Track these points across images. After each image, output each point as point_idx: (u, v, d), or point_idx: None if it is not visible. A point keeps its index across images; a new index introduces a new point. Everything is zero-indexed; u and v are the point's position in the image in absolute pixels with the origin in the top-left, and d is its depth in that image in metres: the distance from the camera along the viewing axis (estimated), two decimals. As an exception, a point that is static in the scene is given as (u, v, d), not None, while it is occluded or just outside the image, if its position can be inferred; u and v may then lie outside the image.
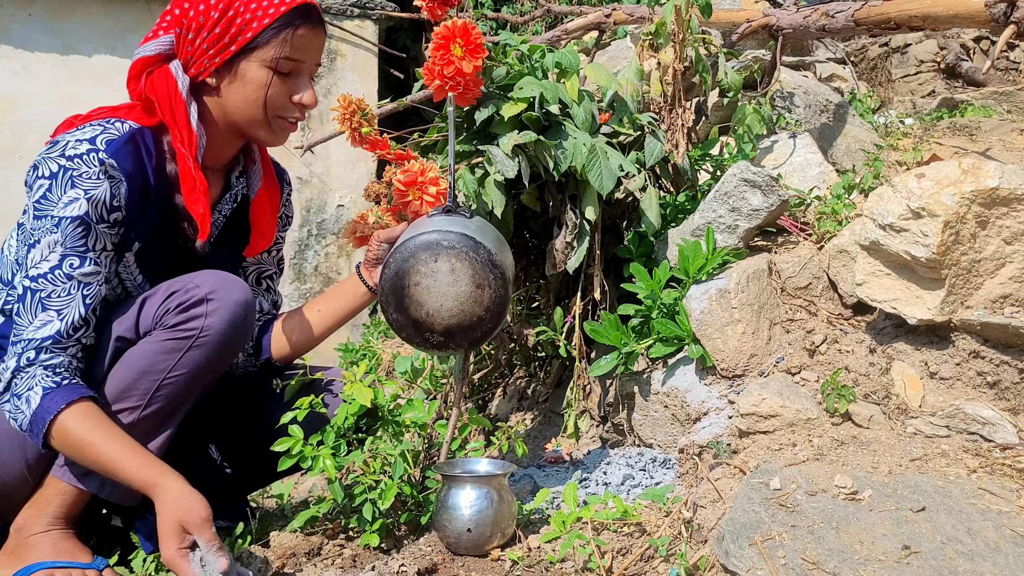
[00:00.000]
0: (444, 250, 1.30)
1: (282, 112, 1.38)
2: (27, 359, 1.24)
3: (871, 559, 1.07)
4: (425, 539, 1.37)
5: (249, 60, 1.33)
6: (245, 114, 1.36)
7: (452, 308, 1.31)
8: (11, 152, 3.66)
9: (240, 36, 1.31)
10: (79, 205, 1.25)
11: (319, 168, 4.01)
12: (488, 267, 1.30)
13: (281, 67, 1.34)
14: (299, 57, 1.35)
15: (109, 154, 1.27)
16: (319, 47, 1.39)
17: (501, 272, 1.31)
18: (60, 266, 1.25)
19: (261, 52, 1.32)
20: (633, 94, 1.92)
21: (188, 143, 1.33)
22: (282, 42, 1.32)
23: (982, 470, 1.28)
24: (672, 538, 1.26)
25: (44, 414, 1.22)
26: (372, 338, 3.59)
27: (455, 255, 1.30)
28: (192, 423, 1.41)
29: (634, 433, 1.78)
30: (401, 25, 4.74)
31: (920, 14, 2.25)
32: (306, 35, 1.35)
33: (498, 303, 1.31)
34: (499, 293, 1.30)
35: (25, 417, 1.23)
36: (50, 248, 1.25)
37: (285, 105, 1.37)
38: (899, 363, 1.52)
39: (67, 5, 3.74)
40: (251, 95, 1.34)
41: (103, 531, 1.49)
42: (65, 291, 1.26)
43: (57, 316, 1.25)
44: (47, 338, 1.24)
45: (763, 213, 1.78)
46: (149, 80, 1.34)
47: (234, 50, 1.32)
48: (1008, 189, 1.42)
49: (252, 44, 1.32)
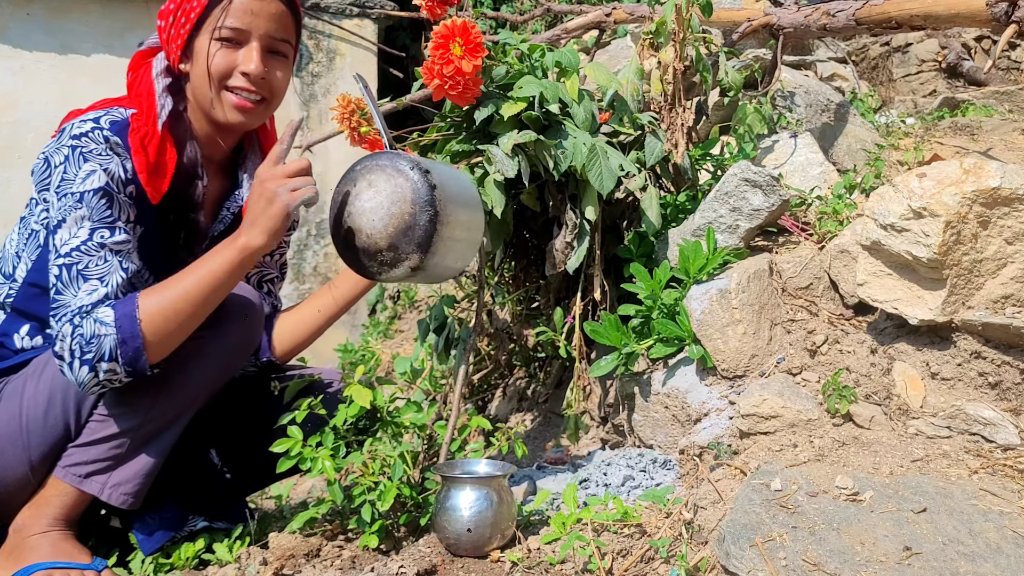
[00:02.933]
0: (356, 173, 1.29)
1: (227, 82, 1.35)
2: (81, 316, 1.22)
3: (872, 560, 1.07)
4: (424, 540, 1.36)
5: (200, 36, 1.34)
6: (201, 91, 1.36)
7: (383, 217, 1.26)
8: (10, 151, 3.66)
9: (193, 13, 1.33)
10: (98, 176, 1.26)
11: (318, 168, 4.01)
12: (393, 166, 1.26)
13: (223, 35, 1.33)
14: (241, 25, 1.34)
15: (113, 132, 1.29)
16: (269, 15, 1.36)
17: (409, 162, 1.26)
18: (91, 238, 1.25)
19: (207, 24, 1.34)
20: (633, 93, 1.92)
21: (146, 114, 1.32)
22: (222, 10, 1.33)
23: (983, 471, 1.28)
24: (672, 539, 1.26)
25: (128, 313, 1.21)
26: (371, 339, 3.58)
27: (366, 171, 1.28)
28: (193, 428, 1.41)
29: (634, 434, 1.77)
30: (400, 24, 4.74)
31: (921, 13, 2.24)
32: (248, 3, 1.34)
33: (419, 191, 1.24)
34: (416, 184, 1.24)
35: (111, 331, 1.20)
36: (78, 224, 1.25)
37: (227, 74, 1.35)
38: (900, 363, 1.52)
39: (65, 4, 3.73)
40: (201, 69, 1.35)
41: (101, 532, 1.49)
42: (102, 258, 1.25)
43: (100, 283, 1.24)
44: (97, 302, 1.23)
45: (764, 213, 1.77)
46: (135, 71, 1.38)
47: (188, 28, 1.34)
48: (1010, 189, 1.41)
49: (200, 19, 1.33)
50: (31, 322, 1.38)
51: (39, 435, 1.30)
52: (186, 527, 1.45)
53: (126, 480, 1.31)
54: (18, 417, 1.30)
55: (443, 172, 1.32)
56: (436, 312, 1.91)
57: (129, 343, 1.21)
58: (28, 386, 1.31)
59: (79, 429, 1.31)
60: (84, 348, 1.20)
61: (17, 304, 1.37)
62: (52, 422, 1.30)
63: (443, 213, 1.25)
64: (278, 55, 1.39)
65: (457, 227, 1.30)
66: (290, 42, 1.41)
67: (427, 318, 1.92)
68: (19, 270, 1.37)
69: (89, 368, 1.21)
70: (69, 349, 1.21)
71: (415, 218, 1.25)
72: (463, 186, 1.36)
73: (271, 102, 1.40)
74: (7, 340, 1.37)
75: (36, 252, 1.35)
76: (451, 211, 1.28)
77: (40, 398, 1.30)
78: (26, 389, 1.31)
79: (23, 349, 1.37)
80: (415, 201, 1.25)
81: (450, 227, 1.28)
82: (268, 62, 1.37)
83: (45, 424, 1.30)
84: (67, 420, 1.31)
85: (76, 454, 1.30)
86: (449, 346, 1.89)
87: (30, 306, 1.37)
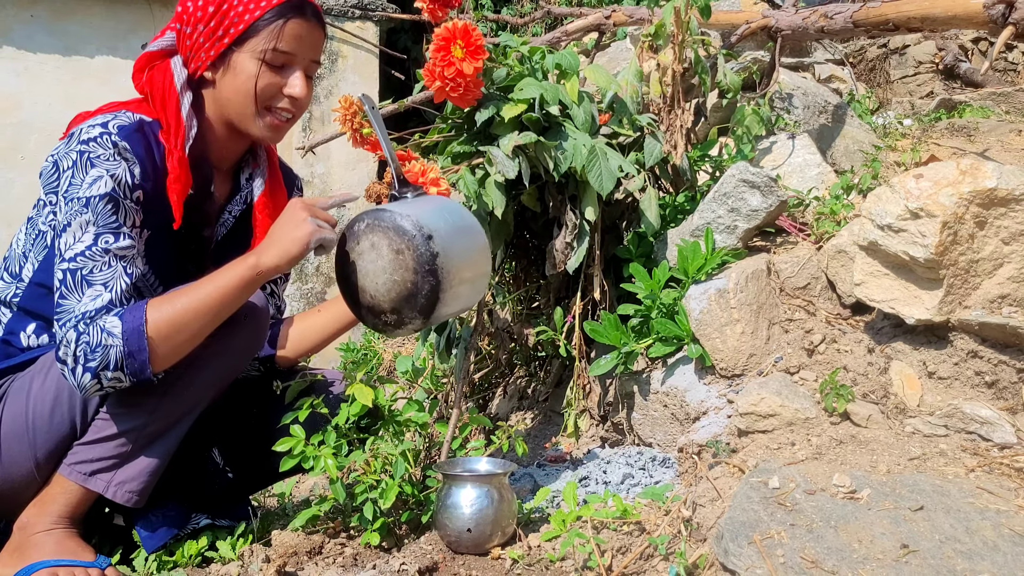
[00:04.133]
0: (361, 231, 1.28)
1: (271, 103, 1.37)
2: (85, 323, 1.22)
3: (870, 558, 1.08)
4: (426, 538, 1.37)
5: (241, 52, 1.34)
6: (236, 106, 1.36)
7: (385, 282, 1.26)
8: (14, 152, 3.67)
9: (233, 28, 1.32)
10: (104, 182, 1.26)
11: (320, 169, 4.02)
12: (396, 230, 1.24)
13: (271, 59, 1.34)
14: (290, 50, 1.35)
15: (121, 137, 1.29)
16: (313, 42, 1.38)
17: (413, 229, 1.24)
18: (96, 243, 1.25)
19: (252, 43, 1.33)
20: (632, 95, 1.93)
21: (175, 132, 1.33)
22: (272, 34, 1.33)
23: (980, 469, 1.29)
24: (671, 537, 1.27)
25: (136, 327, 1.21)
26: (373, 338, 3.59)
27: (369, 231, 1.27)
28: (197, 427, 1.42)
29: (634, 432, 1.78)
30: (402, 26, 4.75)
31: (918, 15, 2.25)
32: (297, 28, 1.35)
33: (421, 260, 1.22)
34: (419, 251, 1.22)
35: (118, 343, 1.21)
36: (83, 229, 1.25)
37: (274, 96, 1.36)
38: (897, 363, 1.53)
39: (69, 6, 3.75)
40: (241, 86, 1.34)
41: (105, 530, 1.50)
42: (106, 264, 1.26)
43: (105, 288, 1.25)
44: (101, 308, 1.23)
45: (762, 214, 1.79)
46: (149, 74, 1.37)
47: (227, 42, 1.33)
48: (1006, 189, 1.42)
49: (244, 36, 1.33)
50: (37, 321, 1.38)
51: (45, 433, 1.31)
52: (189, 525, 1.45)
53: (131, 478, 1.32)
54: (24, 415, 1.31)
55: (448, 226, 1.28)
56: (437, 312, 1.91)
57: (136, 356, 1.22)
58: (35, 384, 1.32)
59: (85, 427, 1.32)
60: (89, 355, 1.21)
61: (24, 303, 1.38)
62: (58, 420, 1.31)
63: (446, 280, 1.24)
64: (310, 77, 1.41)
65: (462, 284, 1.28)
66: (320, 63, 1.44)
67: (428, 318, 1.92)
68: (26, 270, 1.38)
69: (92, 375, 1.22)
70: (73, 355, 1.22)
71: (417, 287, 1.24)
72: (468, 237, 1.33)
73: (297, 119, 1.43)
74: (13, 338, 1.38)
75: (43, 253, 1.36)
76: (455, 274, 1.26)
77: (47, 396, 1.31)
78: (32, 387, 1.32)
79: (29, 347, 1.38)
80: (417, 270, 1.23)
81: (454, 288, 1.26)
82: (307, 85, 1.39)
83: (51, 422, 1.31)
84: (73, 418, 1.31)
85: (81, 452, 1.31)
86: (450, 345, 1.91)
87: (36, 305, 1.38)
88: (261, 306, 1.38)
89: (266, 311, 1.41)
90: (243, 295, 1.27)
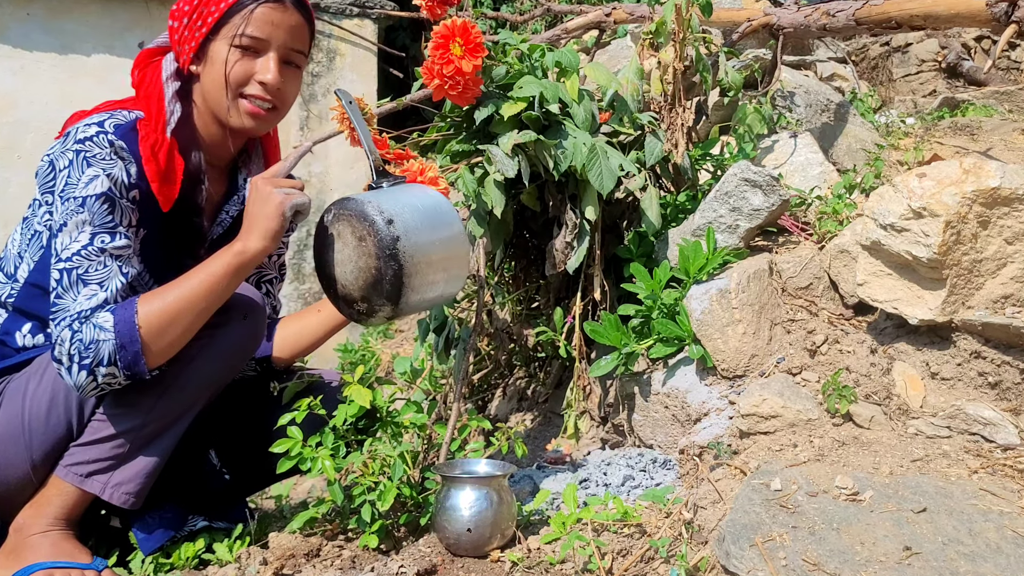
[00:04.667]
0: (329, 222, 1.29)
1: (244, 90, 1.35)
2: (80, 322, 1.22)
3: (872, 560, 1.07)
4: (424, 540, 1.37)
5: (217, 40, 1.34)
6: (215, 96, 1.36)
7: (353, 270, 1.26)
8: (10, 151, 3.66)
9: (210, 17, 1.33)
10: (100, 182, 1.26)
11: (318, 168, 4.01)
12: (358, 216, 1.24)
13: (243, 43, 1.33)
14: (261, 35, 1.34)
15: (118, 136, 1.29)
16: (291, 29, 1.37)
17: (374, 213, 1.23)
18: (91, 243, 1.26)
19: (226, 30, 1.33)
20: (633, 93, 1.92)
21: (155, 118, 1.33)
22: (243, 18, 1.33)
23: (983, 471, 1.28)
24: (672, 539, 1.26)
25: (127, 319, 1.22)
26: (371, 339, 3.58)
27: (335, 220, 1.28)
28: (193, 428, 1.41)
29: (634, 434, 1.77)
30: (400, 24, 4.74)
31: (921, 13, 2.24)
32: (269, 13, 1.34)
33: (382, 245, 1.22)
34: (380, 235, 1.21)
35: (109, 336, 1.21)
36: (79, 229, 1.25)
37: (244, 82, 1.35)
38: (900, 363, 1.52)
39: (65, 4, 3.73)
40: (217, 75, 1.34)
41: (102, 532, 1.49)
42: (101, 264, 1.26)
43: (100, 288, 1.25)
44: (96, 307, 1.23)
45: (764, 213, 1.78)
46: (142, 71, 1.38)
47: (204, 31, 1.33)
48: (1009, 189, 1.41)
49: (219, 24, 1.33)
50: (33, 321, 1.38)
51: (41, 434, 1.30)
52: (186, 527, 1.45)
53: (128, 480, 1.31)
54: (20, 416, 1.30)
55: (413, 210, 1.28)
56: (436, 312, 1.91)
57: (128, 348, 1.22)
58: (31, 385, 1.31)
59: (81, 428, 1.31)
60: (83, 353, 1.21)
61: (19, 304, 1.37)
62: (54, 421, 1.30)
63: (409, 264, 1.23)
64: (292, 65, 1.39)
65: (430, 270, 1.27)
66: (304, 52, 1.42)
67: (427, 318, 1.92)
68: (21, 270, 1.37)
69: (87, 372, 1.22)
70: (68, 354, 1.22)
71: (381, 272, 1.23)
72: (437, 222, 1.31)
73: (281, 110, 1.41)
74: (9, 339, 1.38)
75: (39, 253, 1.35)
76: (419, 258, 1.25)
77: (43, 397, 1.30)
78: (28, 388, 1.31)
79: (25, 347, 1.38)
80: (379, 255, 1.23)
81: (421, 274, 1.26)
82: (283, 72, 1.37)
83: (47, 423, 1.30)
84: (69, 419, 1.31)
85: (78, 453, 1.30)
86: (449, 346, 1.90)
87: (32, 306, 1.37)
88: (259, 303, 1.37)
89: (264, 309, 1.40)
90: (232, 283, 1.28)
